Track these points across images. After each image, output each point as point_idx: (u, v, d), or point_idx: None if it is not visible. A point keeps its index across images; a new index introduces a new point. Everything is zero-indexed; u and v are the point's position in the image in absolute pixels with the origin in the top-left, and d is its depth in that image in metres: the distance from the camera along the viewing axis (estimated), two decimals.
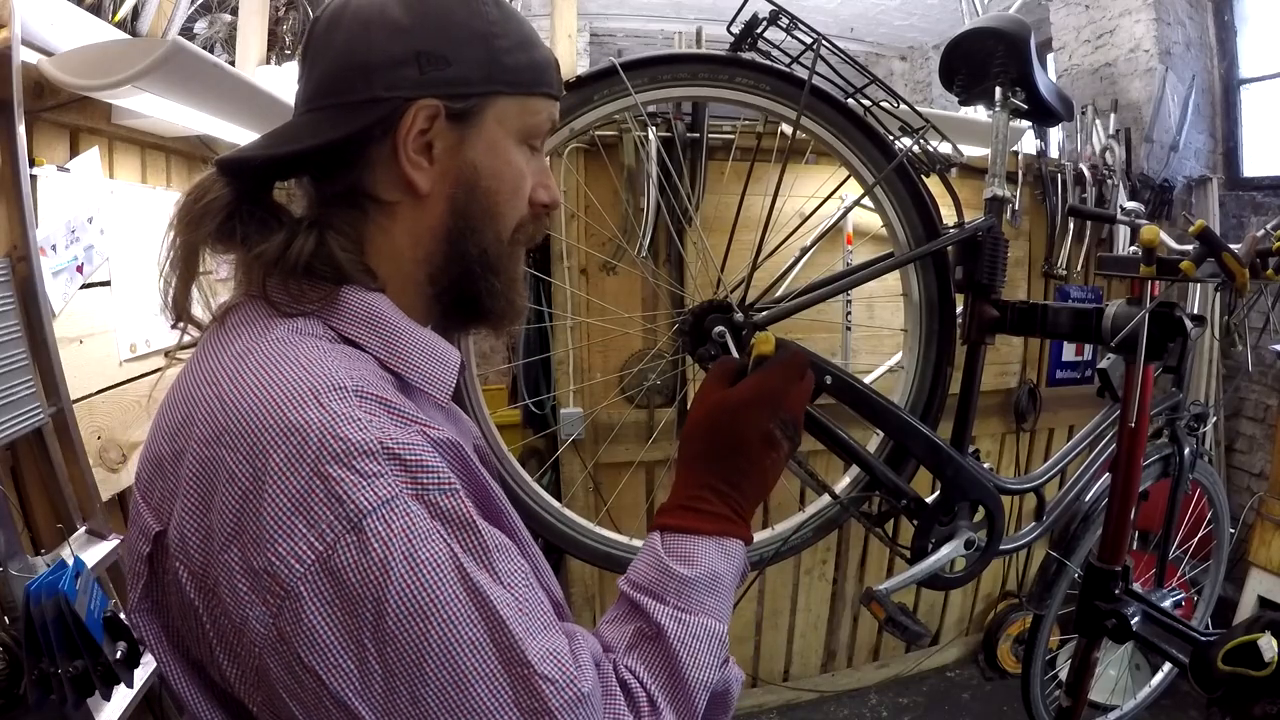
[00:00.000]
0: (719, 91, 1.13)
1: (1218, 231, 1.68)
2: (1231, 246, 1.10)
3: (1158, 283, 1.19)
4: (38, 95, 1.33)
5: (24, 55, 1.21)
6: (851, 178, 1.23)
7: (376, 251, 0.60)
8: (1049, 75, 1.51)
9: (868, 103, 1.16)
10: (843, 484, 1.30)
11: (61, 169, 1.43)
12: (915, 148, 1.18)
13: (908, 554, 1.24)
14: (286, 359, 0.50)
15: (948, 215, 1.25)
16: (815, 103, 1.13)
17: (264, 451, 0.45)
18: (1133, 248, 1.26)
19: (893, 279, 1.27)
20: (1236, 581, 2.50)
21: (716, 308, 1.11)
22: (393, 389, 0.53)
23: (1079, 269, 2.66)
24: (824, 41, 1.09)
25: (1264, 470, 2.76)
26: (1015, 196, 2.34)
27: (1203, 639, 1.34)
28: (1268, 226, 1.17)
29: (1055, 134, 3.12)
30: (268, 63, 2.28)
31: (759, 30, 1.09)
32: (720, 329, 1.09)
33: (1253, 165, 3.07)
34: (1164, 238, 1.16)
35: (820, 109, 1.14)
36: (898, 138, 1.18)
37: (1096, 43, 3.25)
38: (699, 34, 2.21)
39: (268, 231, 0.56)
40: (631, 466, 1.97)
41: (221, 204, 0.55)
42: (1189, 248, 1.14)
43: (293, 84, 0.62)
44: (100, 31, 1.58)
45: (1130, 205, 1.40)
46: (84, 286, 1.47)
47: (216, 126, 1.68)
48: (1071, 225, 2.60)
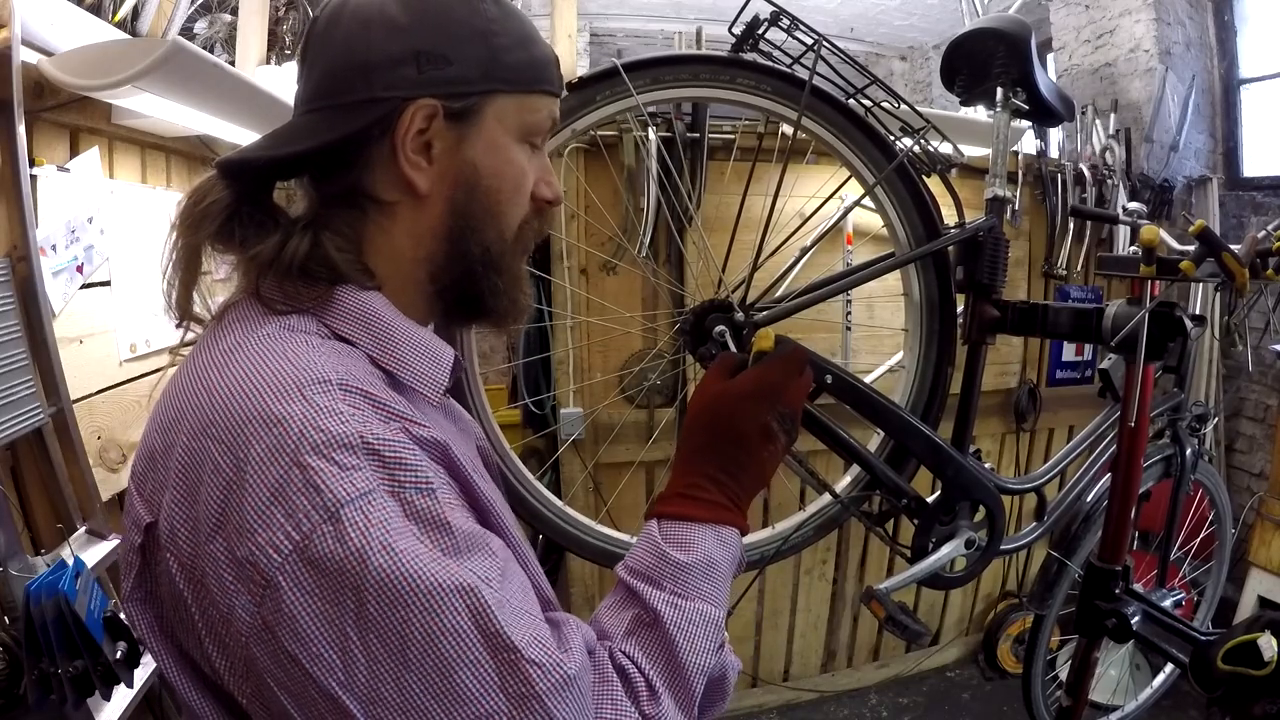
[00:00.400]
0: (720, 92, 1.13)
1: (1218, 231, 1.68)
2: (1231, 246, 1.10)
3: (1158, 283, 1.19)
4: (38, 95, 1.33)
5: (24, 55, 1.21)
6: (852, 178, 1.23)
7: (376, 251, 0.60)
8: (1049, 75, 1.51)
9: (868, 103, 1.16)
10: (843, 483, 1.30)
11: (61, 169, 1.43)
12: (916, 148, 1.18)
13: (908, 553, 1.24)
14: (274, 353, 0.50)
15: (948, 215, 1.25)
16: (816, 103, 1.13)
17: (246, 442, 0.46)
18: (1133, 248, 1.27)
19: (893, 279, 1.27)
20: (1236, 581, 2.50)
21: (717, 307, 1.11)
22: (382, 385, 0.53)
23: (1079, 269, 2.66)
24: (824, 42, 1.09)
25: (1264, 470, 2.76)
26: (1016, 196, 2.34)
27: (1203, 639, 1.34)
28: (1268, 227, 1.17)
29: (1055, 134, 3.12)
30: (268, 63, 2.28)
31: (760, 31, 1.10)
32: (721, 328, 1.09)
33: (1253, 165, 3.07)
34: (1164, 238, 1.16)
35: (821, 109, 1.14)
36: (898, 138, 1.18)
37: (1096, 43, 3.25)
38: (699, 34, 2.21)
39: (265, 233, 0.57)
40: (631, 466, 1.97)
41: (221, 206, 0.56)
42: (1189, 248, 1.14)
43: (293, 84, 0.62)
44: (100, 31, 1.58)
45: (1132, 205, 1.40)
46: (84, 286, 1.47)
47: (216, 126, 1.68)
48: (1071, 225, 2.59)
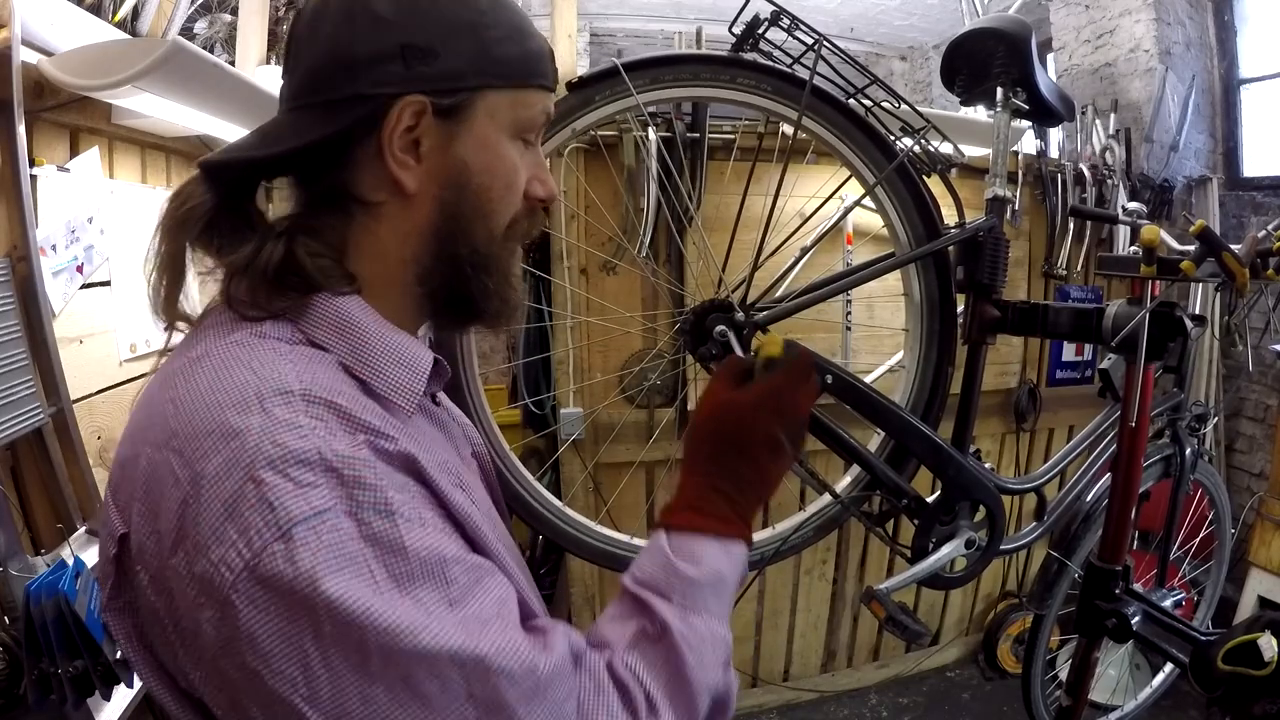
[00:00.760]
0: (720, 92, 1.13)
1: (1218, 231, 1.68)
2: (1232, 246, 1.10)
3: (1158, 283, 1.19)
4: (38, 95, 1.33)
5: (24, 55, 1.21)
6: (852, 178, 1.23)
7: (361, 253, 0.58)
8: (1049, 75, 1.51)
9: (869, 103, 1.16)
10: (843, 483, 1.30)
11: (61, 169, 1.43)
12: (916, 148, 1.18)
13: (908, 553, 1.24)
14: (239, 362, 0.49)
15: (948, 215, 1.25)
16: (816, 103, 1.13)
17: (204, 455, 0.45)
18: (1133, 248, 1.27)
19: (893, 279, 1.27)
20: (1236, 581, 2.50)
21: (717, 307, 1.11)
22: (353, 393, 0.51)
23: (1079, 269, 2.66)
24: (825, 42, 1.09)
25: (1264, 470, 2.76)
26: (1016, 196, 2.34)
27: (1203, 638, 1.34)
28: (1268, 226, 1.17)
29: (1055, 134, 3.12)
30: (268, 63, 2.28)
31: (760, 31, 1.10)
32: (721, 328, 1.09)
33: (1253, 165, 3.07)
34: (1164, 238, 1.16)
35: (821, 109, 1.14)
36: (899, 138, 1.18)
37: (1096, 43, 3.25)
38: (699, 34, 2.21)
39: (241, 239, 0.56)
40: (632, 466, 1.97)
41: (202, 210, 0.55)
42: (1189, 248, 1.14)
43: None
44: (100, 31, 1.58)
45: (1132, 205, 1.40)
46: (84, 286, 1.47)
47: (216, 126, 1.68)
48: (1071, 225, 2.59)
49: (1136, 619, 1.34)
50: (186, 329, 0.57)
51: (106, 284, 1.56)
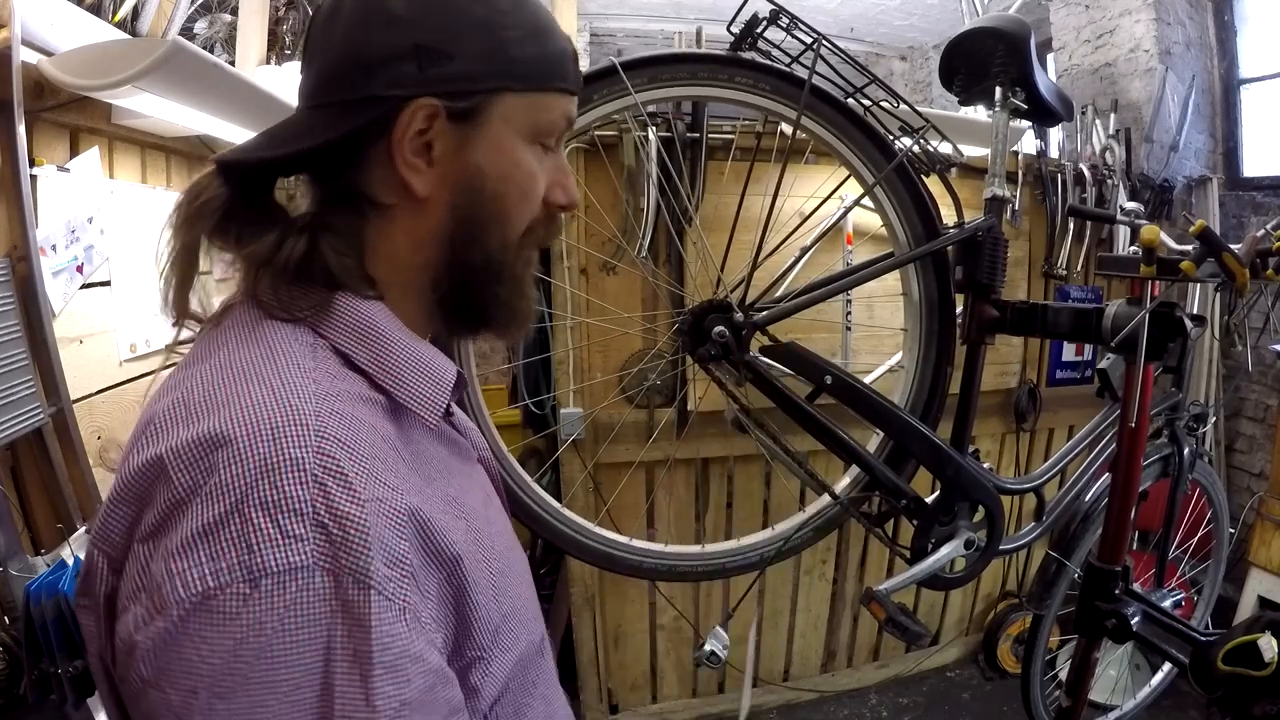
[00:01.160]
0: (719, 91, 1.13)
1: (1218, 231, 1.68)
2: (1231, 246, 1.10)
3: (1158, 283, 1.19)
4: (38, 95, 1.33)
5: (24, 55, 1.21)
6: (851, 177, 1.23)
7: (375, 256, 0.57)
8: (1049, 75, 1.51)
9: (868, 102, 1.16)
10: (843, 484, 1.30)
11: (61, 169, 1.43)
12: (915, 147, 1.18)
13: (908, 554, 1.24)
14: (260, 377, 0.48)
15: (948, 215, 1.25)
16: (815, 102, 1.13)
17: (208, 469, 0.44)
18: (1133, 248, 1.27)
19: (893, 279, 1.27)
20: (1236, 581, 2.50)
21: (716, 307, 1.11)
22: (373, 418, 0.50)
23: (1079, 269, 2.66)
24: (824, 41, 1.09)
25: (1264, 470, 2.76)
26: (1015, 196, 2.34)
27: (1203, 639, 1.34)
28: (1268, 226, 1.17)
29: (1055, 134, 3.12)
30: (268, 63, 2.28)
31: (759, 30, 1.10)
32: (720, 329, 1.10)
33: (1253, 165, 3.07)
34: (1164, 238, 1.16)
35: (820, 109, 1.14)
36: (898, 137, 1.18)
37: (1096, 43, 3.25)
38: (699, 34, 2.21)
39: (262, 231, 0.55)
40: (631, 466, 1.97)
41: (218, 204, 0.54)
42: (1189, 248, 1.14)
43: (293, 84, 0.60)
44: (100, 31, 1.58)
45: (1130, 205, 1.40)
46: (84, 286, 1.48)
47: (216, 126, 1.68)
48: (1071, 225, 2.59)
49: (1136, 619, 1.35)
50: (195, 326, 0.56)
51: (106, 284, 1.56)
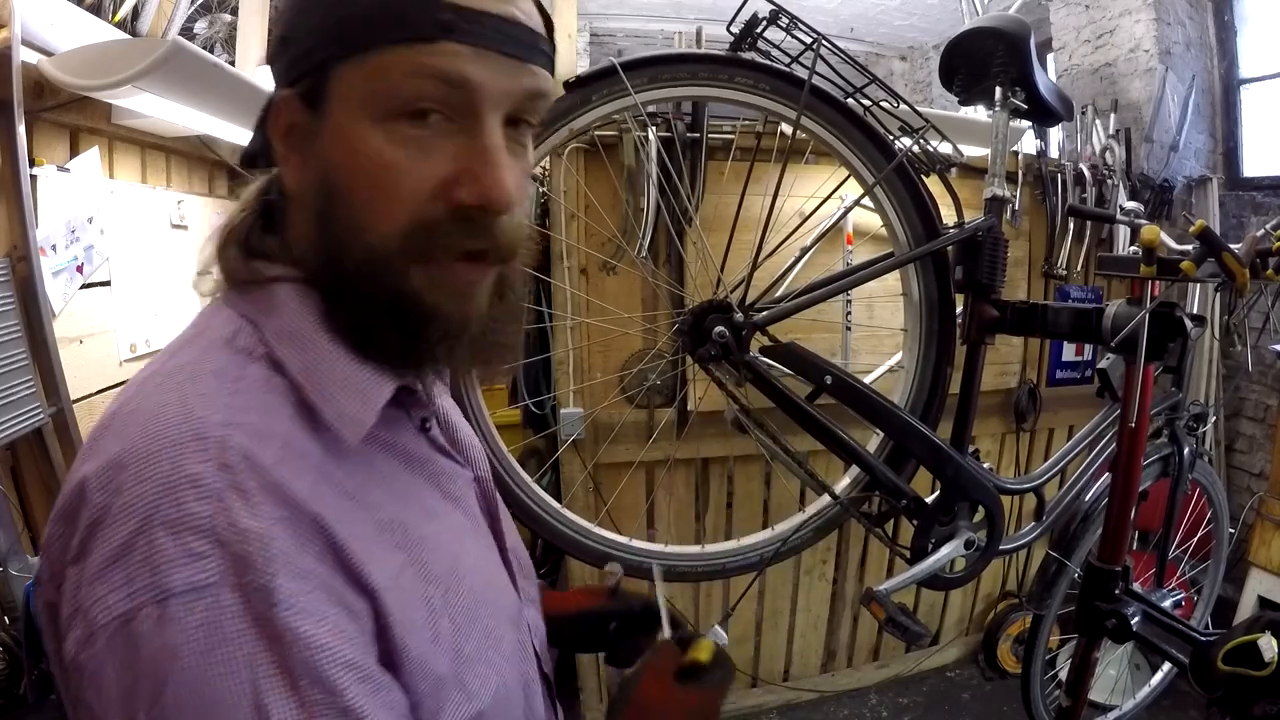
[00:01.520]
0: (719, 91, 1.13)
1: (1218, 231, 1.68)
2: (1231, 246, 1.10)
3: (1158, 283, 1.19)
4: (38, 95, 1.33)
5: (24, 55, 1.21)
6: (851, 178, 1.23)
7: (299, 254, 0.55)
8: (1049, 75, 1.51)
9: (867, 102, 1.16)
10: (843, 484, 1.30)
11: (61, 169, 1.43)
12: (915, 147, 1.18)
13: (908, 554, 1.24)
14: (180, 388, 0.46)
15: (948, 215, 1.25)
16: (815, 102, 1.13)
17: (118, 488, 0.42)
18: (1133, 248, 1.27)
19: (893, 279, 1.27)
20: (1236, 581, 2.50)
21: (716, 308, 1.11)
22: (291, 434, 0.47)
23: (1079, 269, 2.66)
24: (824, 41, 1.09)
25: (1264, 470, 2.76)
26: (1015, 196, 2.34)
27: (1203, 639, 1.34)
28: (1268, 226, 1.17)
29: (1055, 134, 3.12)
30: (268, 63, 2.28)
31: (759, 30, 1.10)
32: (720, 329, 1.10)
33: (1253, 165, 3.07)
34: (1164, 238, 1.16)
35: (820, 109, 1.14)
36: (898, 137, 1.18)
37: (1096, 43, 3.25)
38: (699, 34, 2.21)
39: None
40: (631, 466, 1.97)
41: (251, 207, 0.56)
42: (1189, 248, 1.14)
43: None
44: (100, 31, 1.58)
45: (1130, 205, 1.40)
46: (84, 286, 1.48)
47: (216, 126, 1.68)
48: (1071, 225, 2.59)
49: (1136, 619, 1.35)
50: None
51: (106, 284, 1.56)
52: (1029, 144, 2.56)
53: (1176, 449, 1.57)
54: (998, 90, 1.24)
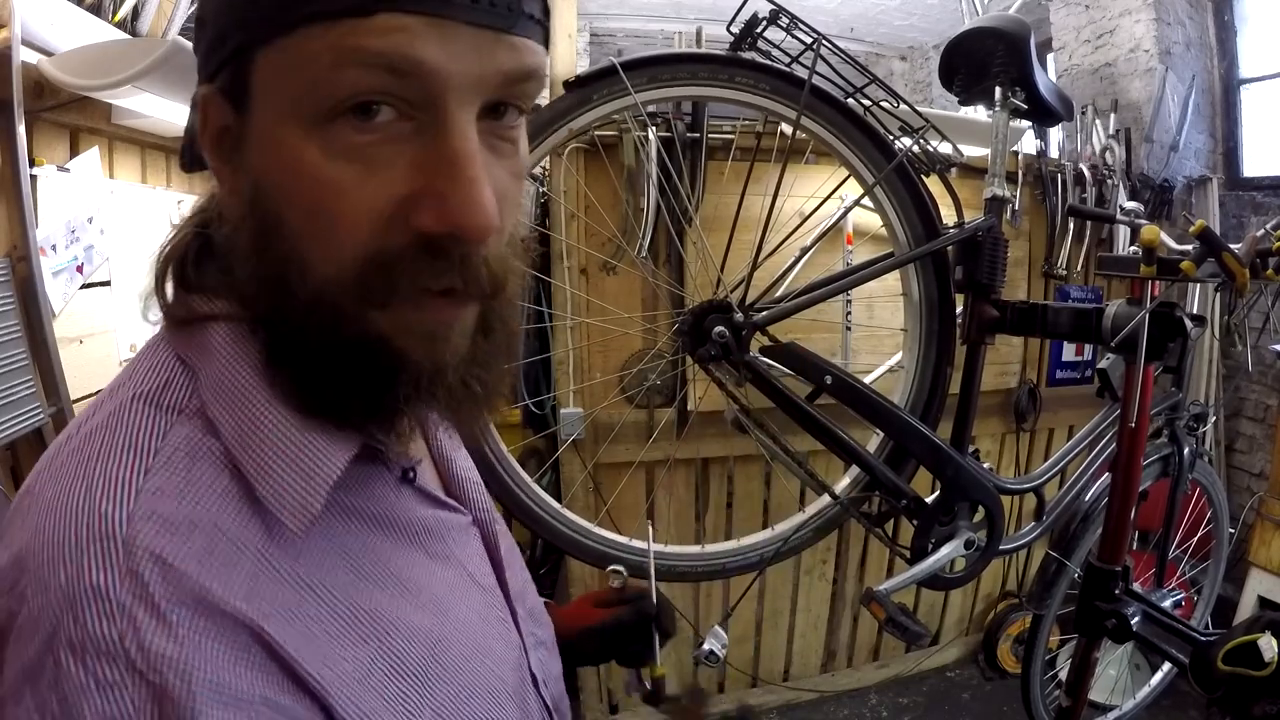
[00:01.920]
0: (719, 91, 1.13)
1: (1218, 231, 1.68)
2: (1231, 246, 1.10)
3: (1158, 283, 1.19)
4: (38, 95, 1.33)
5: (24, 55, 1.21)
6: (851, 177, 1.23)
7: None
8: (1049, 75, 1.51)
9: (868, 102, 1.16)
10: (843, 484, 1.30)
11: (61, 169, 1.43)
12: (915, 147, 1.18)
13: (908, 554, 1.24)
14: (85, 465, 0.38)
15: (948, 215, 1.25)
16: (815, 102, 1.13)
17: (19, 597, 0.36)
18: (1133, 248, 1.27)
19: (893, 279, 1.27)
20: (1236, 581, 2.50)
21: (716, 308, 1.11)
22: (221, 519, 0.38)
23: (1079, 269, 2.66)
24: (824, 41, 1.09)
25: (1264, 470, 2.76)
26: (1015, 196, 2.34)
27: (1203, 639, 1.34)
28: (1268, 226, 1.17)
29: (1055, 134, 3.12)
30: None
31: (759, 30, 1.10)
32: (720, 329, 1.10)
33: (1253, 165, 3.07)
34: (1164, 238, 1.16)
35: (820, 109, 1.15)
36: (898, 137, 1.18)
37: (1096, 43, 3.25)
38: (699, 34, 2.21)
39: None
40: (631, 466, 1.97)
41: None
42: (1189, 248, 1.14)
43: None
44: (100, 31, 1.58)
45: (1130, 205, 1.40)
46: (84, 286, 1.48)
47: None
48: (1071, 225, 2.59)
49: (1136, 619, 1.35)
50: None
51: (106, 284, 1.56)
52: (1029, 144, 2.56)
53: (1176, 449, 1.57)
54: (998, 90, 1.25)
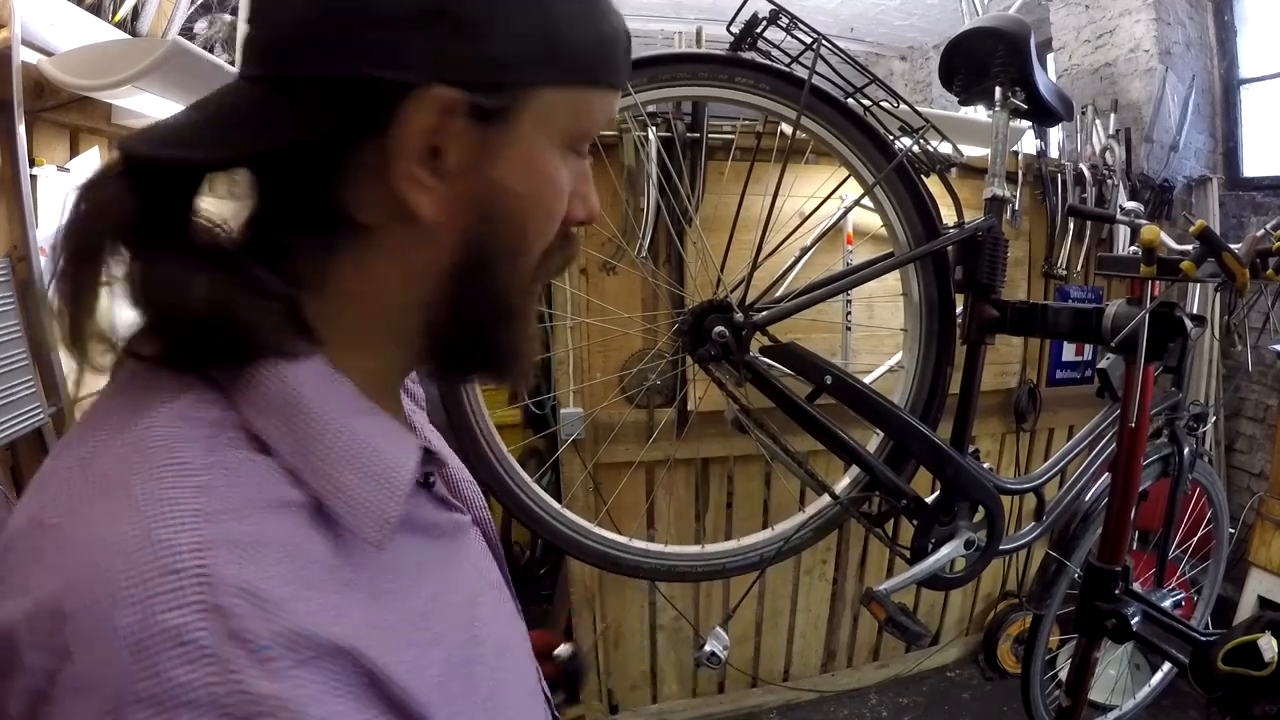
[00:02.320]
0: (719, 91, 1.13)
1: (1218, 231, 1.68)
2: (1231, 246, 1.10)
3: (1158, 283, 1.19)
4: (38, 95, 1.33)
5: (24, 55, 1.21)
6: (851, 177, 1.23)
7: (342, 292, 0.42)
8: (1049, 75, 1.51)
9: (868, 102, 1.16)
10: (843, 484, 1.30)
11: (61, 169, 1.43)
12: (915, 147, 1.18)
13: (908, 554, 1.24)
14: (126, 493, 0.33)
15: (948, 215, 1.25)
16: (815, 102, 1.13)
17: (61, 653, 0.30)
18: (1133, 248, 1.27)
19: (893, 279, 1.27)
20: (1236, 581, 2.50)
21: (716, 308, 1.12)
22: (305, 523, 0.36)
23: (1079, 269, 2.66)
24: (824, 41, 1.09)
25: (1264, 470, 2.76)
26: (1015, 196, 2.34)
27: (1203, 639, 1.34)
28: (1268, 226, 1.17)
29: (1055, 134, 3.12)
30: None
31: (759, 30, 1.10)
32: (720, 329, 1.10)
33: (1253, 165, 3.07)
34: (1164, 238, 1.16)
35: (820, 109, 1.15)
36: (898, 137, 1.18)
37: (1096, 43, 3.25)
38: (699, 34, 2.21)
39: (170, 262, 0.39)
40: (631, 466, 1.97)
41: (118, 219, 0.38)
42: (1189, 248, 1.14)
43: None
44: (100, 31, 1.58)
45: (1130, 205, 1.40)
46: None
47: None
48: (1071, 225, 2.59)
49: (1136, 619, 1.35)
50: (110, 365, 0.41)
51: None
52: (1029, 144, 2.56)
53: (1176, 449, 1.57)
54: (998, 90, 1.25)
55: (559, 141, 0.43)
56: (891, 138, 1.18)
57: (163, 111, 1.50)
